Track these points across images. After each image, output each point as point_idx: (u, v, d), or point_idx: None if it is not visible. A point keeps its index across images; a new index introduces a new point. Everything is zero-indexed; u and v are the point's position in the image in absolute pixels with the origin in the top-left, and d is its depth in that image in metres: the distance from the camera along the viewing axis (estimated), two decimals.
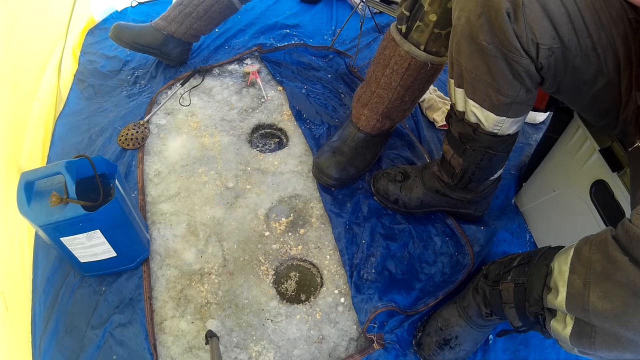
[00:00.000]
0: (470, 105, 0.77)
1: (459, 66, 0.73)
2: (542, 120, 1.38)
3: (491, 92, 0.71)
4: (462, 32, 0.68)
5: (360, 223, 1.05)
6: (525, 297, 0.71)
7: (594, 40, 0.61)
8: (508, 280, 0.76)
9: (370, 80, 1.02)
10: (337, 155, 1.08)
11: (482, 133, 0.80)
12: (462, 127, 0.83)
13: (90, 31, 1.58)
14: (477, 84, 0.72)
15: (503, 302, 0.76)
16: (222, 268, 0.97)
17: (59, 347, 0.84)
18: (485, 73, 0.69)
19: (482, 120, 0.78)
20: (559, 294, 0.61)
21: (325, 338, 0.89)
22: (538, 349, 0.92)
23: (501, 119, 0.76)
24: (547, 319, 0.66)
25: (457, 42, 0.70)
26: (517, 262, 0.78)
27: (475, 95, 0.75)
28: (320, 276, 0.98)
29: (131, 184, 1.09)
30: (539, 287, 0.68)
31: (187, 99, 1.31)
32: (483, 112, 0.76)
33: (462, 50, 0.70)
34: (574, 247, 0.62)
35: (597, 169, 0.85)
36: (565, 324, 0.61)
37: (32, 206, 0.76)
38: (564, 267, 0.61)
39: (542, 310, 0.68)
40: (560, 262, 0.63)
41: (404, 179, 1.05)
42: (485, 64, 0.68)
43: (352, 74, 1.45)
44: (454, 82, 0.78)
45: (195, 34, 1.35)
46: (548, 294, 0.65)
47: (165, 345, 0.86)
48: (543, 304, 0.67)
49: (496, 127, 0.78)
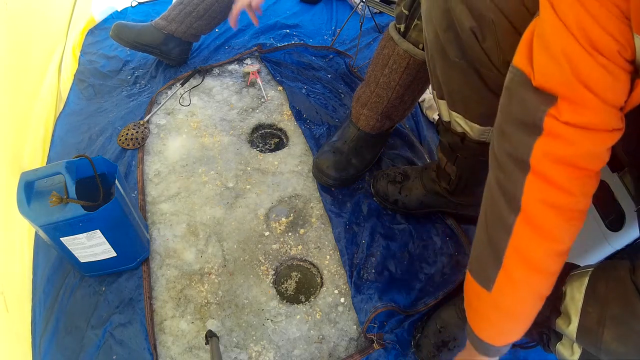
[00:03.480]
0: (454, 116, 0.77)
1: (436, 79, 0.73)
2: None
3: (470, 103, 0.70)
4: (433, 47, 0.67)
5: (360, 223, 1.05)
6: None
7: None
8: None
9: (370, 80, 1.01)
10: (337, 155, 1.08)
11: (470, 142, 0.80)
12: (450, 137, 0.82)
13: (91, 31, 1.58)
14: (456, 96, 0.71)
15: None
16: (222, 268, 0.97)
17: (59, 347, 0.84)
18: (462, 86, 0.68)
19: (468, 130, 0.77)
20: (570, 323, 0.60)
21: (325, 338, 0.89)
22: (538, 349, 0.92)
23: (486, 128, 0.75)
24: (553, 340, 0.65)
25: (431, 56, 0.70)
26: None
27: (456, 107, 0.74)
28: (320, 276, 0.98)
29: (131, 184, 1.09)
30: (547, 307, 0.66)
31: (187, 99, 1.32)
32: (467, 123, 0.76)
33: (436, 64, 0.70)
34: (588, 275, 0.60)
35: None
36: (573, 352, 0.60)
37: (32, 206, 0.76)
38: (577, 296, 0.60)
39: (548, 330, 0.67)
40: (573, 289, 0.62)
41: (404, 180, 1.05)
42: (460, 78, 0.67)
43: (352, 74, 1.45)
44: (436, 93, 0.77)
45: (196, 33, 1.35)
46: (557, 317, 0.64)
47: (165, 345, 0.86)
48: (549, 324, 0.66)
49: (483, 136, 0.77)
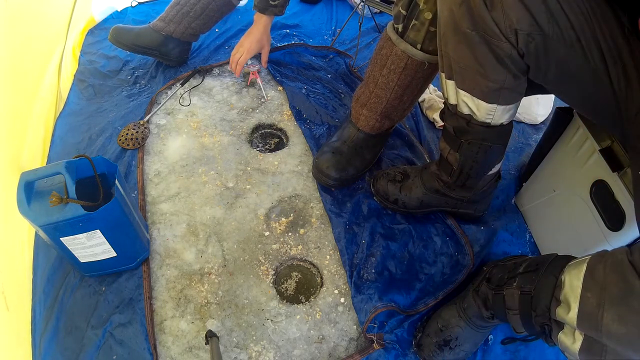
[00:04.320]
0: (461, 95, 0.79)
1: (447, 58, 0.76)
2: (542, 120, 1.38)
3: (479, 78, 0.73)
4: (446, 23, 0.71)
5: (360, 223, 1.05)
6: (531, 306, 0.71)
7: (577, 31, 0.62)
8: (513, 286, 0.75)
9: (369, 80, 1.02)
10: (337, 156, 1.08)
11: (476, 124, 0.82)
12: (456, 120, 0.84)
13: (90, 31, 1.58)
14: (465, 73, 0.74)
15: (507, 307, 0.76)
16: (222, 268, 0.97)
17: (59, 347, 0.84)
18: (471, 60, 0.71)
19: (474, 110, 0.80)
20: (570, 310, 0.60)
21: (325, 338, 0.89)
22: (538, 349, 0.92)
23: (492, 106, 0.77)
24: (555, 330, 0.66)
25: (443, 34, 0.74)
26: (523, 269, 0.77)
27: (465, 84, 0.77)
28: (320, 276, 0.98)
29: (131, 184, 1.09)
30: (547, 298, 0.67)
31: (187, 99, 1.32)
32: (474, 101, 0.78)
33: (448, 41, 0.73)
34: (586, 263, 0.61)
35: (597, 169, 0.85)
36: (575, 339, 0.61)
37: (32, 206, 0.76)
38: (576, 283, 0.61)
39: (549, 321, 0.67)
40: (572, 277, 0.63)
41: (404, 179, 1.05)
42: (470, 52, 0.70)
43: (352, 74, 1.45)
44: (445, 74, 0.80)
45: (194, 33, 1.35)
46: (557, 306, 0.64)
47: (165, 345, 0.86)
48: (550, 315, 0.66)
49: (488, 116, 0.80)
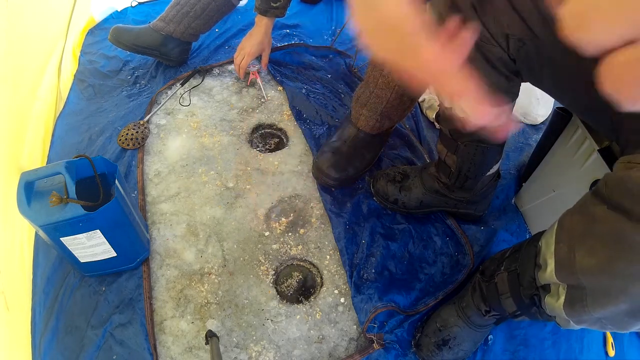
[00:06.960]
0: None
1: None
2: (542, 120, 1.38)
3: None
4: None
5: (360, 223, 1.05)
6: (518, 281, 0.72)
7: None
8: (502, 270, 0.77)
9: (369, 80, 1.02)
10: (337, 156, 1.08)
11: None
12: (452, 123, 0.84)
13: (90, 31, 1.58)
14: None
15: (500, 294, 0.76)
16: (222, 268, 0.97)
17: (59, 347, 0.84)
18: (464, 63, 0.71)
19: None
20: (547, 266, 0.61)
21: (325, 338, 0.89)
22: (538, 349, 0.92)
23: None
24: (542, 297, 0.67)
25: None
26: (509, 253, 0.79)
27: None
28: (320, 276, 0.98)
29: (131, 184, 1.09)
30: (531, 268, 0.68)
31: (187, 99, 1.32)
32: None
33: None
34: (557, 220, 0.62)
35: (596, 168, 0.85)
36: (559, 295, 0.61)
37: (32, 206, 0.76)
38: (550, 241, 0.62)
39: (537, 290, 0.68)
40: (547, 238, 0.64)
41: (403, 180, 1.05)
42: None
43: (352, 74, 1.45)
44: None
45: (194, 33, 1.34)
46: (539, 271, 0.65)
47: (165, 345, 0.86)
48: (536, 283, 0.67)
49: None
